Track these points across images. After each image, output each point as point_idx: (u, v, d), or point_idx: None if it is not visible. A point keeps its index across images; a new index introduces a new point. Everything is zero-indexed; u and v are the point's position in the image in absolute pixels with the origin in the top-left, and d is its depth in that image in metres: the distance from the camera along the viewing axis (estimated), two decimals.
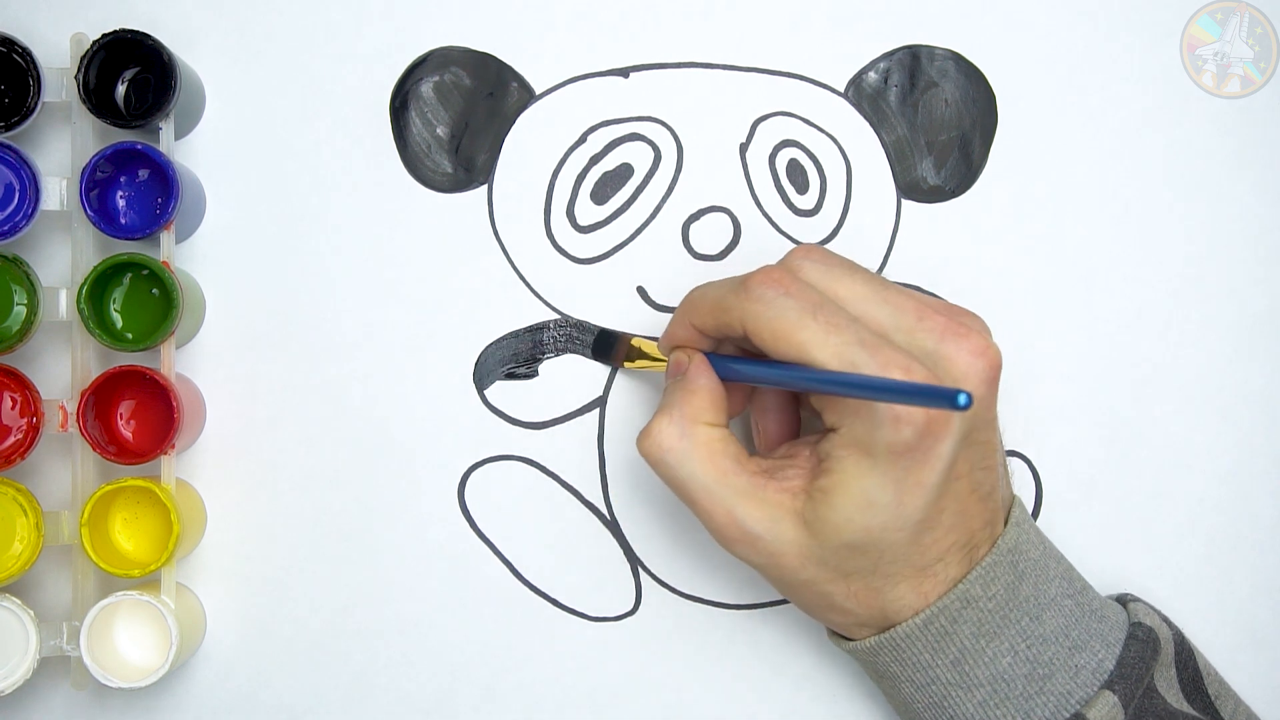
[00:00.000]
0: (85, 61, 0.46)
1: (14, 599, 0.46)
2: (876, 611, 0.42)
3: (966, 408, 0.34)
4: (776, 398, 0.46)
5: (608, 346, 0.50)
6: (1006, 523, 0.43)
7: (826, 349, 0.39)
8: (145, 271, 0.46)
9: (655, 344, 0.49)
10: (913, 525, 0.40)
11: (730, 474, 0.42)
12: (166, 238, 0.47)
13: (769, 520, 0.41)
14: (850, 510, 0.40)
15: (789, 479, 0.42)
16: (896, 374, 0.38)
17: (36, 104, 0.46)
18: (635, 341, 0.49)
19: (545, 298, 0.50)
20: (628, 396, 0.50)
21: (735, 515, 0.41)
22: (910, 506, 0.39)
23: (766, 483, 0.42)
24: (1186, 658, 0.46)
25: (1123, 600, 0.47)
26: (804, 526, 0.41)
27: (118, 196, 0.47)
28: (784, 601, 0.50)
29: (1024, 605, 0.43)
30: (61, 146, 0.49)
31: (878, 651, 0.43)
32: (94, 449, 0.45)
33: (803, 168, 0.50)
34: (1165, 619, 0.46)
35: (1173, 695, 0.44)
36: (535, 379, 0.50)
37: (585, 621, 0.50)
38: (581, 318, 0.50)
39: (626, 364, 0.49)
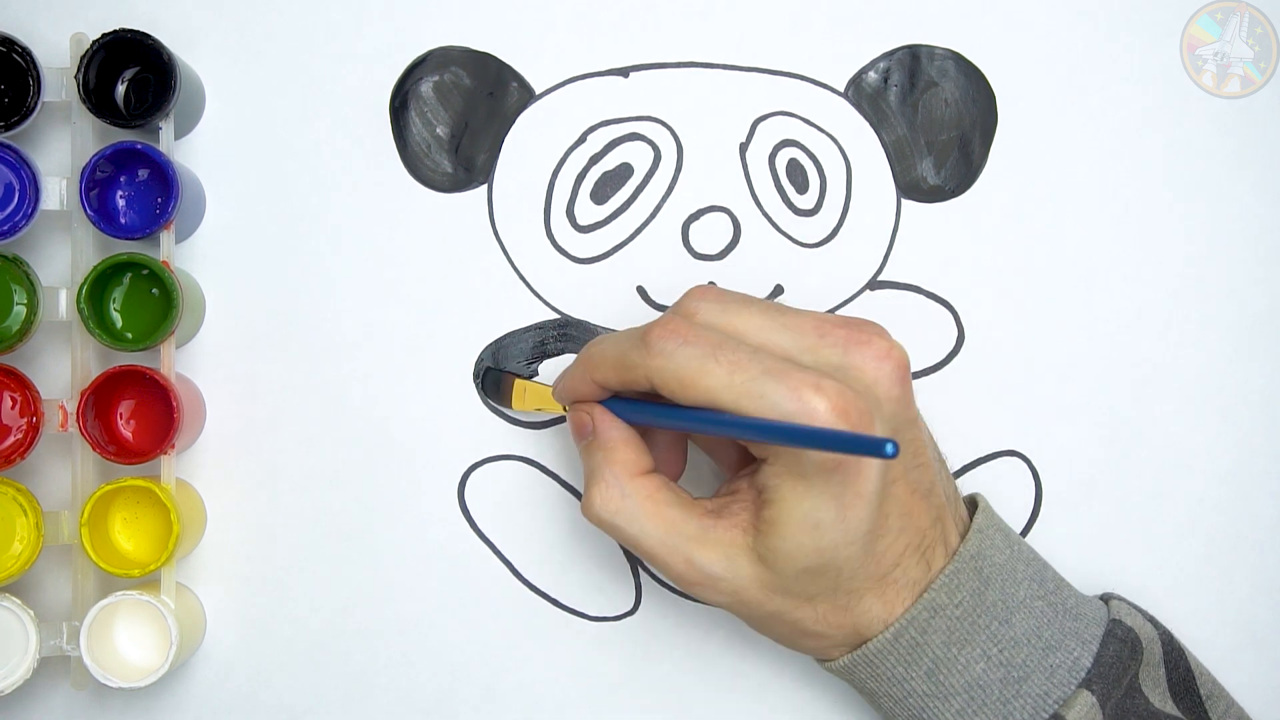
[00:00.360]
0: (85, 61, 0.46)
1: (14, 599, 0.46)
2: (849, 630, 0.42)
3: (894, 456, 0.34)
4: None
5: (496, 385, 0.49)
6: (969, 529, 0.44)
7: (734, 388, 0.39)
8: (145, 271, 0.46)
9: (546, 388, 0.48)
10: (862, 537, 0.40)
11: (679, 522, 0.42)
12: (166, 237, 0.47)
13: (725, 560, 0.41)
14: (798, 536, 0.40)
15: (735, 514, 0.42)
16: (808, 393, 0.38)
17: (36, 104, 0.46)
18: (520, 384, 0.49)
19: (545, 298, 0.50)
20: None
21: (693, 561, 0.41)
22: (855, 520, 0.40)
23: (715, 523, 0.42)
24: (1176, 657, 0.46)
25: (1106, 599, 0.47)
26: (758, 560, 0.41)
27: (118, 196, 0.47)
28: None
29: (992, 610, 0.43)
30: (61, 146, 0.49)
31: (853, 670, 0.43)
32: (94, 449, 0.45)
33: (803, 167, 0.50)
34: (1151, 619, 0.46)
35: (1158, 696, 0.44)
36: (535, 379, 0.50)
37: (585, 621, 0.50)
38: (581, 318, 0.50)
39: (516, 407, 0.49)
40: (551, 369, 0.50)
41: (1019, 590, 0.43)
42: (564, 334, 0.50)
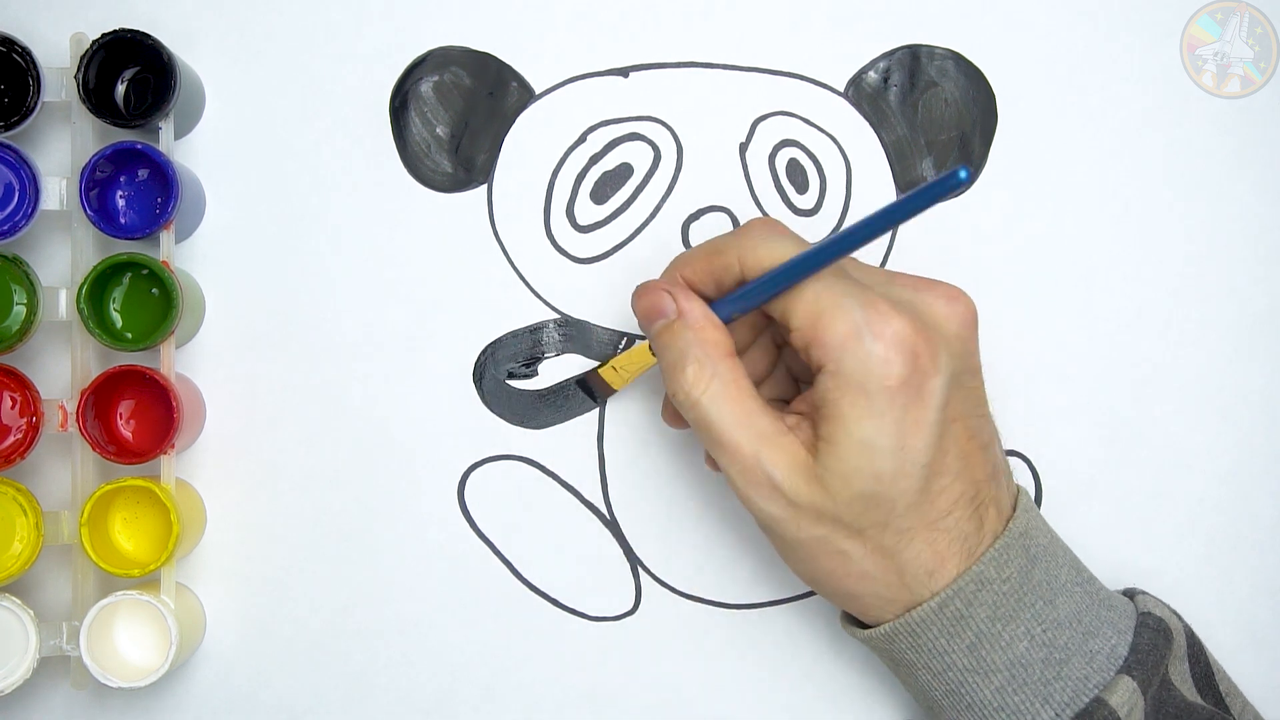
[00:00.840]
0: (85, 61, 0.46)
1: (14, 599, 0.46)
2: (893, 575, 0.42)
3: (968, 179, 0.34)
4: (754, 334, 0.46)
5: (589, 388, 0.49)
6: (1015, 508, 0.43)
7: (820, 280, 0.41)
8: (145, 271, 0.46)
9: (634, 351, 0.48)
10: (919, 470, 0.40)
11: (756, 414, 0.42)
12: (166, 237, 0.47)
13: (788, 468, 0.41)
14: (856, 459, 0.40)
15: (802, 432, 0.42)
16: (884, 306, 0.40)
17: (36, 104, 0.46)
18: (606, 369, 0.48)
19: (545, 298, 0.50)
20: (628, 396, 0.50)
21: (760, 459, 0.41)
22: (913, 448, 0.40)
23: (786, 430, 0.42)
24: (1198, 652, 0.46)
25: (1129, 594, 0.47)
26: (815, 481, 0.41)
27: (117, 196, 0.47)
28: (784, 601, 0.50)
29: (1038, 589, 0.43)
30: (61, 146, 0.49)
31: (894, 638, 0.43)
32: (94, 449, 0.45)
33: (802, 167, 0.50)
34: (1174, 612, 0.46)
35: (1187, 689, 0.44)
36: (535, 379, 0.50)
37: (585, 621, 0.50)
38: (581, 318, 0.50)
39: (619, 386, 0.48)
40: (551, 369, 0.50)
41: (1061, 574, 0.43)
42: (563, 334, 0.50)
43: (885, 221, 0.38)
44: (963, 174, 0.34)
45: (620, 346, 0.50)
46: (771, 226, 0.43)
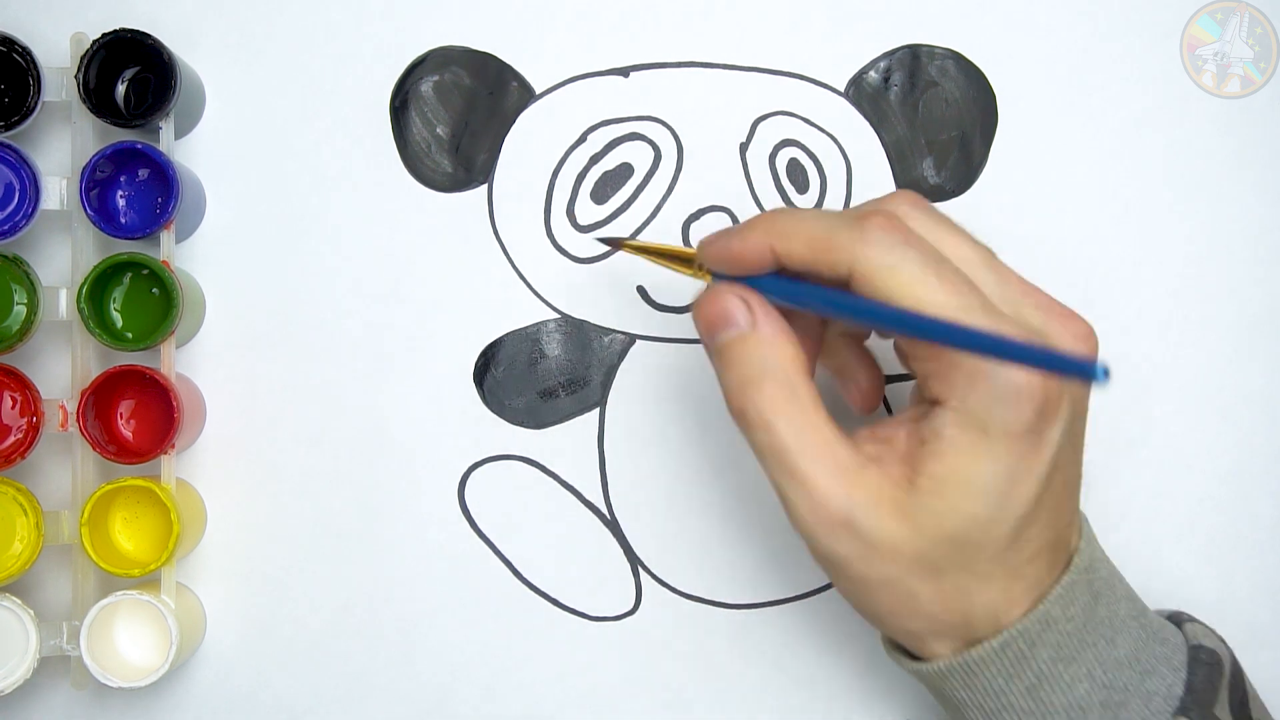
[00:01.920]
0: (85, 61, 0.46)
1: (14, 599, 0.46)
2: (959, 616, 0.39)
3: (1106, 380, 0.30)
4: (857, 351, 0.43)
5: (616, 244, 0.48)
6: (1080, 537, 0.41)
7: (948, 311, 0.36)
8: (145, 271, 0.46)
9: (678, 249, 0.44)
10: (1015, 519, 0.37)
11: (834, 444, 0.38)
12: (166, 237, 0.47)
13: (871, 504, 0.37)
14: (958, 498, 0.37)
15: (887, 464, 0.38)
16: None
17: (36, 104, 0.46)
18: (634, 244, 0.45)
19: (545, 298, 0.50)
20: (628, 396, 0.50)
21: (837, 493, 0.37)
22: (1019, 498, 0.37)
23: (868, 463, 0.38)
24: (1238, 679, 0.43)
25: (1176, 620, 0.44)
26: (903, 517, 0.37)
27: (118, 196, 0.47)
28: (784, 601, 0.50)
29: (1100, 627, 0.40)
30: (61, 146, 0.49)
31: (947, 676, 0.40)
32: (94, 448, 0.45)
33: (803, 167, 0.50)
34: (1221, 639, 0.44)
35: (1225, 716, 0.42)
36: (535, 378, 0.50)
37: (585, 621, 0.50)
38: (581, 318, 0.50)
39: (627, 248, 0.45)
40: (551, 368, 0.50)
41: (1120, 608, 0.41)
42: (563, 334, 0.50)
43: (1004, 351, 0.34)
44: (1100, 372, 0.31)
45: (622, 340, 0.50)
46: (896, 230, 0.37)
